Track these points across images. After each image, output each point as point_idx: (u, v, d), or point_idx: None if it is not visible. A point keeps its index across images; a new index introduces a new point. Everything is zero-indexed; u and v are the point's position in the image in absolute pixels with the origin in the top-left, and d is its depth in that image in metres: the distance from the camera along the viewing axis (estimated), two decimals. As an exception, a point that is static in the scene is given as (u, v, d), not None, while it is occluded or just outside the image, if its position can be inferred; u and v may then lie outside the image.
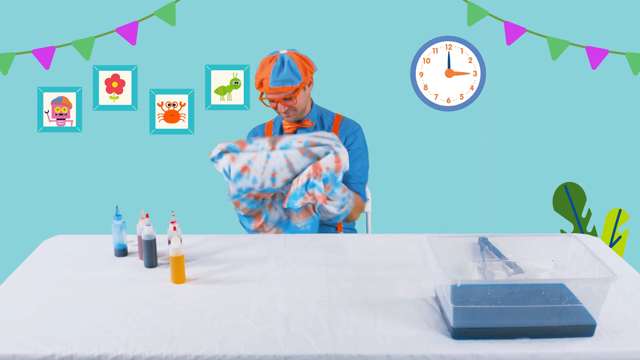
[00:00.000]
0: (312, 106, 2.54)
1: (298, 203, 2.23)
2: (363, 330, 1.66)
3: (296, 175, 2.24)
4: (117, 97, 3.16)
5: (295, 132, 2.52)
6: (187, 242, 2.23)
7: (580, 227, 3.32)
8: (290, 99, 2.41)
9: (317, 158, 2.22)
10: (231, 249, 2.19)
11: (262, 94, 2.45)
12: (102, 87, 3.15)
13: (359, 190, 2.51)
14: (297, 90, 2.39)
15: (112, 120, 3.19)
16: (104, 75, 3.14)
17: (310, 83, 2.48)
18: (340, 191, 2.30)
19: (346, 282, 1.93)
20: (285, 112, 2.45)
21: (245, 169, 2.22)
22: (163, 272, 2.01)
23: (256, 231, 2.43)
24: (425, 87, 3.21)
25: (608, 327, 1.66)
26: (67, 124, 3.17)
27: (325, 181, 2.21)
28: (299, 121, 2.51)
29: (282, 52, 2.41)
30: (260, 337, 1.62)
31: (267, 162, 2.21)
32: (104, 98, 3.16)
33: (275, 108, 2.45)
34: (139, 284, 1.93)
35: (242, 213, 2.39)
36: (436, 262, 1.71)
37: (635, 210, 3.31)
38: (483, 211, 3.36)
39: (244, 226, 2.46)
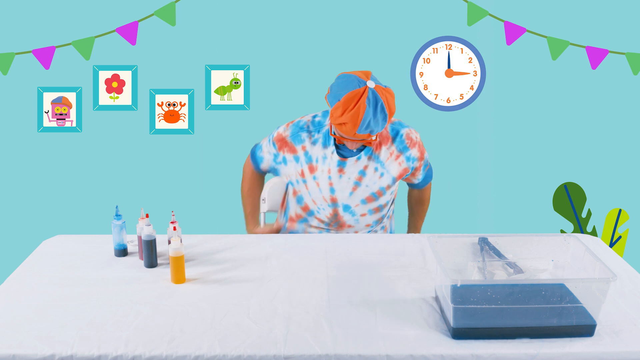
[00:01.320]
0: None
1: None
2: (363, 330, 1.66)
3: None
4: (117, 97, 3.16)
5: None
6: (187, 242, 2.23)
7: (580, 227, 3.32)
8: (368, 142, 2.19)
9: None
10: (231, 249, 2.19)
11: (333, 126, 2.18)
12: (102, 87, 3.15)
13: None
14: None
15: (112, 120, 3.18)
16: (104, 75, 3.14)
17: None
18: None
19: (346, 282, 1.93)
20: (351, 147, 2.21)
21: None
22: (163, 272, 2.01)
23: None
24: (425, 87, 3.21)
25: (608, 327, 1.66)
26: (67, 124, 3.17)
27: None
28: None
29: (371, 85, 2.08)
30: (260, 337, 1.62)
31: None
32: (104, 98, 3.16)
33: (341, 143, 2.21)
34: (139, 284, 1.93)
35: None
36: (436, 262, 1.71)
37: (635, 210, 3.31)
38: (483, 211, 3.36)
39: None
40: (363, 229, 2.37)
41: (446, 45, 3.17)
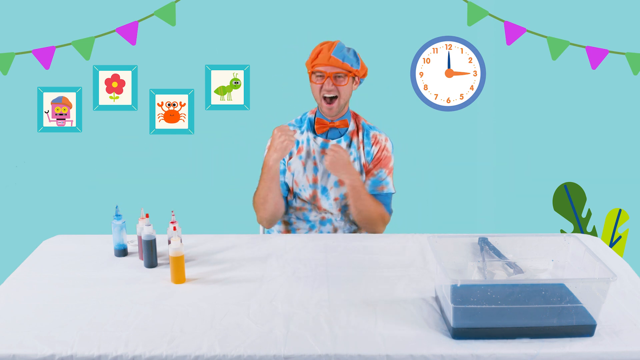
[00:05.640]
0: (347, 110, 2.45)
1: None
2: (363, 330, 1.66)
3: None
4: (117, 97, 3.16)
5: (326, 133, 2.44)
6: (187, 242, 2.23)
7: (580, 227, 3.32)
8: (342, 78, 2.33)
9: None
10: (231, 249, 2.19)
11: (312, 69, 2.36)
12: (102, 87, 3.15)
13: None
14: (352, 73, 2.34)
15: (112, 120, 3.18)
16: (104, 75, 3.14)
17: (358, 82, 2.43)
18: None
19: (346, 282, 1.93)
20: (329, 98, 2.34)
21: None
22: (163, 272, 2.01)
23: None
24: (425, 87, 3.21)
25: (608, 327, 1.66)
26: (67, 124, 3.17)
27: None
28: (333, 121, 2.42)
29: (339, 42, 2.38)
30: (260, 337, 1.62)
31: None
32: (104, 98, 3.16)
33: (321, 88, 2.34)
34: (139, 284, 1.93)
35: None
36: (436, 262, 1.71)
37: (635, 210, 3.31)
38: (483, 211, 3.36)
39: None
40: (336, 214, 2.47)
41: (446, 45, 3.17)
